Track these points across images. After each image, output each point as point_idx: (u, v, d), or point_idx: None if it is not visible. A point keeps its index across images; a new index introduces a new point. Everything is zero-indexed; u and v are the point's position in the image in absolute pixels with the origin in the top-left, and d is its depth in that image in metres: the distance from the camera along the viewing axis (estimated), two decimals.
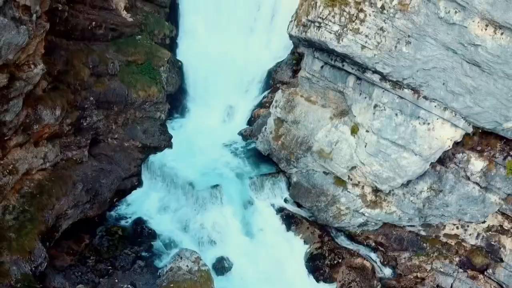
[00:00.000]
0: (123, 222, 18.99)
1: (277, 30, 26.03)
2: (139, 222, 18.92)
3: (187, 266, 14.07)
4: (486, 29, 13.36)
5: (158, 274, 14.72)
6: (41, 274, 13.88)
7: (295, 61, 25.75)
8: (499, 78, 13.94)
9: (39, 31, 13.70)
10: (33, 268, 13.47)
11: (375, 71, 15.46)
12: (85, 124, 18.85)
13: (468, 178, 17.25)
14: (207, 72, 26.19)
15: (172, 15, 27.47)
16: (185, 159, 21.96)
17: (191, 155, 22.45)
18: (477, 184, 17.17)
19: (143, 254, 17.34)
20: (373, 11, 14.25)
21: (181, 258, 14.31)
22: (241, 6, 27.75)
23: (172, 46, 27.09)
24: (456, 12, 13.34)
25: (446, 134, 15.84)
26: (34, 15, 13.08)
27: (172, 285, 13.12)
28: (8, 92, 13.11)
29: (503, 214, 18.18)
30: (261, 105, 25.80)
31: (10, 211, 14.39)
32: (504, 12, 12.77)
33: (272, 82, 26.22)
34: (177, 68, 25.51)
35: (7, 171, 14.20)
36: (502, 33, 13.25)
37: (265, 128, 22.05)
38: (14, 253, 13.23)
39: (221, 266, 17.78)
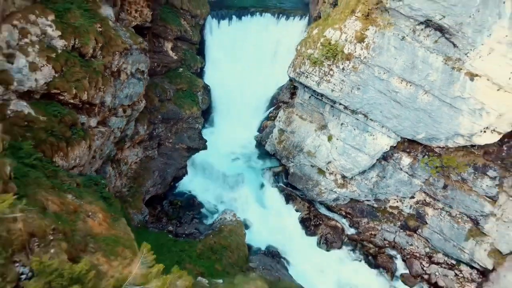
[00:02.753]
0: (179, 197, 28.90)
1: (279, 62, 35.29)
2: (190, 197, 28.85)
3: (229, 218, 23.99)
4: (401, 83, 23.28)
5: (212, 222, 24.72)
6: (145, 222, 23.85)
7: (292, 86, 35.30)
8: (411, 110, 23.90)
9: (145, 82, 23.60)
10: (142, 218, 23.45)
11: (340, 104, 25.45)
12: (154, 133, 28.70)
13: (401, 169, 27.18)
14: (227, 93, 35.76)
15: (201, 49, 37.03)
16: (216, 156, 31.84)
17: (220, 153, 32.32)
18: (406, 173, 27.09)
19: (196, 216, 27.27)
20: (337, 70, 24.22)
21: (225, 213, 24.24)
22: (251, 43, 37.17)
23: (201, 73, 36.79)
24: (384, 73, 23.30)
25: (384, 142, 25.81)
26: (145, 74, 23.04)
27: (222, 226, 23.01)
28: (129, 118, 23.04)
29: (425, 192, 28.13)
30: (268, 118, 35.54)
31: (124, 186, 24.38)
32: (410, 75, 22.73)
33: (276, 101, 35.96)
34: (207, 91, 35.30)
35: (124, 162, 24.19)
36: (410, 85, 23.17)
37: (271, 135, 31.97)
38: (133, 209, 23.20)
39: (245, 224, 27.52)
